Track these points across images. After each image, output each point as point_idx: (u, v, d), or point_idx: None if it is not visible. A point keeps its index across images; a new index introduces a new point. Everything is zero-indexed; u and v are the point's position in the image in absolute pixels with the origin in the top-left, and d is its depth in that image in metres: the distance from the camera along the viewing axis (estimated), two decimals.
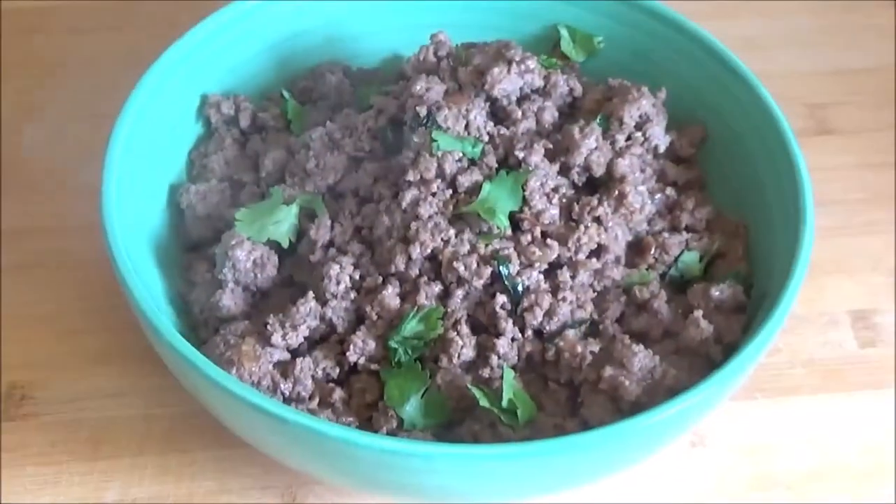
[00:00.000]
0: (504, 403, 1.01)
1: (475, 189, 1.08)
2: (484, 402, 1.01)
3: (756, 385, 1.19)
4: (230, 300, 1.08)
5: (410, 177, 1.08)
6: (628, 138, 1.14)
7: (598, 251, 1.09)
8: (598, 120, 1.13)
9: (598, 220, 1.09)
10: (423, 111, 1.10)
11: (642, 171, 1.14)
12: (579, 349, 1.04)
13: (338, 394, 1.04)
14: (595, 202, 1.09)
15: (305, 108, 1.22)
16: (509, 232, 1.08)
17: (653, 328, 1.07)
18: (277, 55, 1.25)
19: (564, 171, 1.12)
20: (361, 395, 1.04)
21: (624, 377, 1.01)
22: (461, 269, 1.05)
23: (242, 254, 1.08)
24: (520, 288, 1.05)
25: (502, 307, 1.05)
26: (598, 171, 1.11)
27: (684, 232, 1.13)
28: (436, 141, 1.08)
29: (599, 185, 1.12)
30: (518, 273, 1.06)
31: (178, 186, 1.17)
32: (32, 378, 1.17)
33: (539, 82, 1.15)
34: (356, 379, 1.05)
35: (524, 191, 1.08)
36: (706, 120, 1.20)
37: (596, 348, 1.04)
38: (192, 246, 1.15)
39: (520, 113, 1.12)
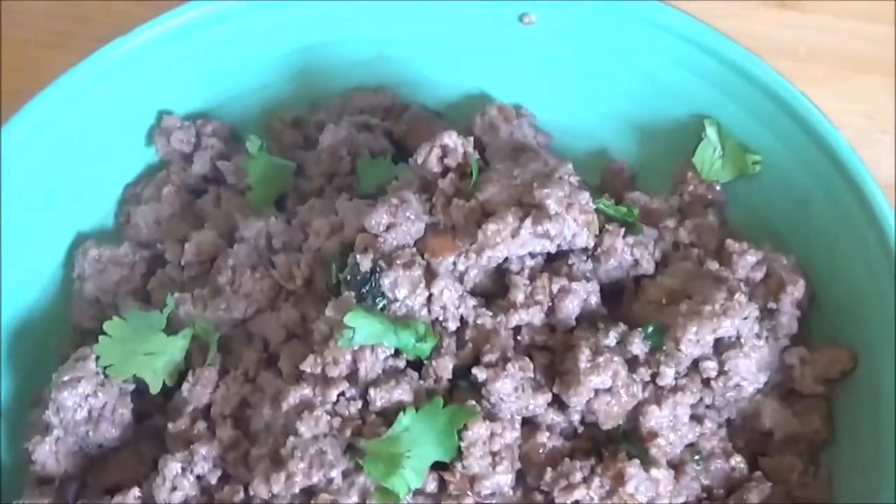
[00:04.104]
0: None
1: (392, 413, 0.70)
2: None
3: None
4: (50, 455, 0.76)
5: (307, 366, 0.71)
6: (686, 374, 0.72)
7: None
8: (646, 331, 0.71)
9: None
10: (365, 264, 0.72)
11: (699, 420, 0.72)
12: None
13: None
14: (578, 477, 0.69)
15: (281, 168, 0.83)
16: (432, 488, 0.70)
17: None
18: (295, 65, 0.86)
19: (561, 407, 0.71)
20: None
21: None
22: None
23: (72, 399, 0.75)
24: None
25: None
26: (608, 423, 0.71)
27: None
28: (350, 328, 0.70)
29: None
30: None
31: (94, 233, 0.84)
32: None
33: (584, 241, 0.73)
34: None
35: (461, 440, 0.69)
36: (864, 340, 0.75)
37: None
38: (80, 333, 0.83)
39: (521, 294, 0.72)
